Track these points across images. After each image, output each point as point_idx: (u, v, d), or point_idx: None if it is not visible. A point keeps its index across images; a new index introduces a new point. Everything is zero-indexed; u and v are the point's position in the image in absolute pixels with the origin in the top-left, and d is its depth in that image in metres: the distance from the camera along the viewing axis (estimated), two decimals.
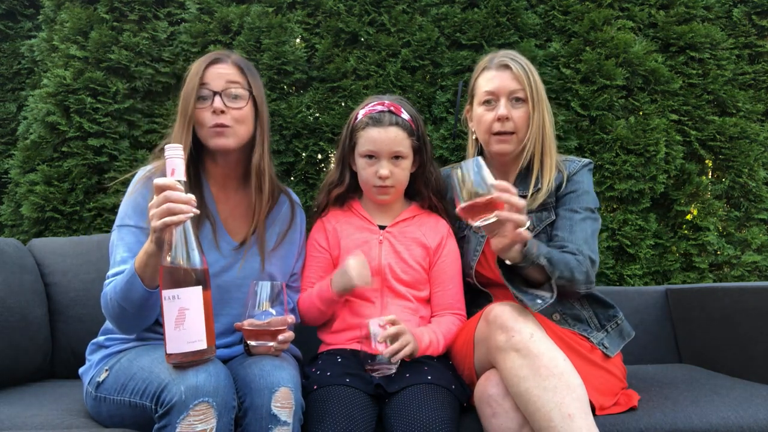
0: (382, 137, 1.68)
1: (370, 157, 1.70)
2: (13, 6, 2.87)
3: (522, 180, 1.76)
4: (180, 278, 1.25)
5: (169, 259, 1.27)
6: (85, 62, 2.50)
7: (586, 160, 1.80)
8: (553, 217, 1.72)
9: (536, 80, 1.72)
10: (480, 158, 1.37)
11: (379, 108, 1.71)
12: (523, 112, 1.71)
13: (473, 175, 1.33)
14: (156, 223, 1.26)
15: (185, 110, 1.55)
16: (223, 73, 1.57)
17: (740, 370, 1.87)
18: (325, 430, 1.36)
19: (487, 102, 1.73)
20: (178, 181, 1.29)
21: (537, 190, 1.72)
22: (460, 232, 1.85)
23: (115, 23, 2.54)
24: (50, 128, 2.47)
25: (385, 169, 1.68)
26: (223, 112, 1.54)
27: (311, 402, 1.45)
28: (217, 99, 1.55)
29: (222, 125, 1.55)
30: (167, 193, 1.25)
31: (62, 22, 2.55)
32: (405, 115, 1.72)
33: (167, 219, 1.25)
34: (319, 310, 1.67)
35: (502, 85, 1.70)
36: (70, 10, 2.54)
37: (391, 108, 1.71)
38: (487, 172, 1.34)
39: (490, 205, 1.33)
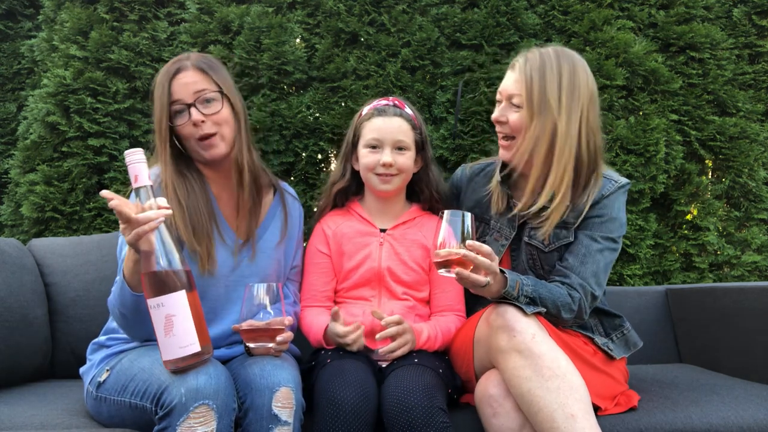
0: (387, 125, 1.71)
1: (374, 147, 1.71)
2: (13, 6, 2.87)
3: (543, 190, 1.63)
4: (162, 285, 1.24)
5: (148, 267, 1.26)
6: (85, 62, 2.50)
7: (624, 181, 1.67)
8: (571, 239, 1.63)
9: (545, 86, 1.56)
10: (469, 214, 1.40)
11: (384, 102, 1.77)
12: (519, 116, 1.60)
13: (456, 227, 1.40)
14: (129, 237, 1.25)
15: (160, 130, 1.55)
16: (188, 82, 1.55)
17: (740, 370, 1.87)
18: (343, 384, 1.42)
19: (497, 101, 1.66)
20: (144, 186, 1.27)
21: (564, 205, 1.60)
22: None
23: (115, 23, 2.54)
24: (50, 128, 2.47)
25: (388, 156, 1.69)
26: (203, 121, 1.54)
27: (327, 371, 1.50)
28: (194, 111, 1.54)
29: (207, 135, 1.55)
30: (128, 217, 1.22)
31: (62, 22, 2.55)
32: (408, 111, 1.77)
33: (138, 230, 1.23)
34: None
35: (504, 87, 1.64)
36: (70, 10, 2.54)
37: (396, 102, 1.77)
38: (469, 230, 1.40)
39: (459, 262, 1.37)
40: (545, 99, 1.57)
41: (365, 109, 1.77)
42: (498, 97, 1.66)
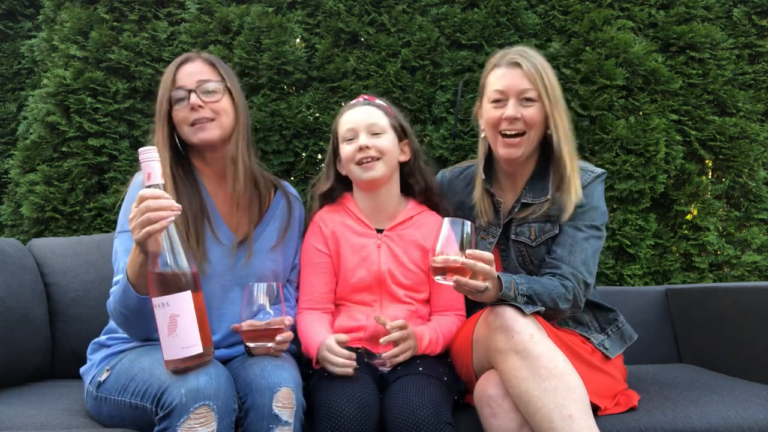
0: (358, 114, 1.71)
1: (351, 139, 1.70)
2: (13, 6, 2.88)
3: (534, 186, 1.70)
4: (168, 284, 1.24)
5: (155, 266, 1.26)
6: (85, 62, 2.50)
7: (600, 171, 1.72)
8: (556, 231, 1.67)
9: (550, 79, 1.64)
10: (469, 223, 1.40)
11: (354, 101, 1.78)
12: (534, 110, 1.63)
13: (455, 235, 1.39)
14: (138, 235, 1.24)
15: (160, 113, 1.57)
16: (193, 71, 1.58)
17: (740, 370, 1.87)
18: (344, 397, 1.40)
19: (496, 101, 1.66)
20: (156, 185, 1.27)
21: (547, 199, 1.66)
22: None
23: (115, 23, 2.54)
24: (50, 128, 2.47)
25: (364, 139, 1.67)
26: (201, 107, 1.55)
27: (327, 381, 1.49)
28: (193, 96, 1.55)
29: (202, 119, 1.56)
30: (147, 202, 1.24)
31: (62, 22, 2.55)
32: (379, 101, 1.77)
33: (149, 228, 1.23)
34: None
35: (512, 84, 1.63)
36: (70, 10, 2.54)
37: (365, 97, 1.78)
38: (468, 238, 1.40)
39: (458, 270, 1.37)
40: (554, 91, 1.64)
41: (339, 112, 1.78)
42: (500, 96, 1.65)
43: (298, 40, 2.59)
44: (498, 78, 1.66)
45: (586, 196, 1.67)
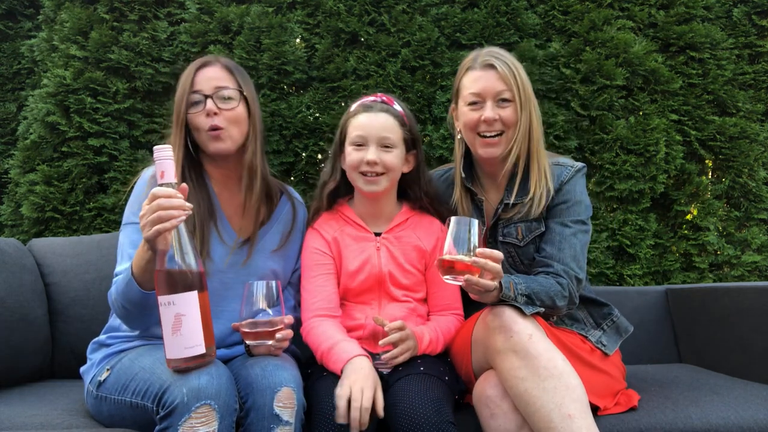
0: (372, 121, 1.65)
1: (360, 144, 1.66)
2: (13, 6, 2.88)
3: (513, 185, 1.71)
4: (175, 283, 1.25)
5: (162, 264, 1.26)
6: (85, 62, 2.50)
7: (579, 165, 1.73)
8: (543, 229, 1.68)
9: (523, 79, 1.66)
10: (476, 221, 1.39)
11: (371, 99, 1.72)
12: (511, 111, 1.66)
13: (463, 234, 1.38)
14: (148, 233, 1.25)
15: (177, 115, 1.59)
16: (212, 76, 1.59)
17: (740, 370, 1.87)
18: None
19: (473, 103, 1.68)
20: (169, 183, 1.27)
21: (530, 198, 1.67)
22: None
23: (115, 23, 2.54)
24: (50, 128, 2.47)
25: (372, 154, 1.63)
26: (216, 113, 1.56)
27: (325, 383, 1.48)
28: (209, 102, 1.56)
29: (216, 127, 1.56)
30: (159, 200, 1.24)
31: (62, 22, 2.55)
32: (397, 107, 1.71)
33: (159, 226, 1.24)
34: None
35: (487, 86, 1.66)
36: (70, 10, 2.54)
37: (384, 98, 1.72)
38: (475, 237, 1.38)
39: (467, 269, 1.36)
40: (526, 90, 1.67)
41: (353, 106, 1.73)
42: (476, 98, 1.67)
43: (298, 40, 2.59)
44: (473, 81, 1.68)
45: (569, 192, 1.68)
